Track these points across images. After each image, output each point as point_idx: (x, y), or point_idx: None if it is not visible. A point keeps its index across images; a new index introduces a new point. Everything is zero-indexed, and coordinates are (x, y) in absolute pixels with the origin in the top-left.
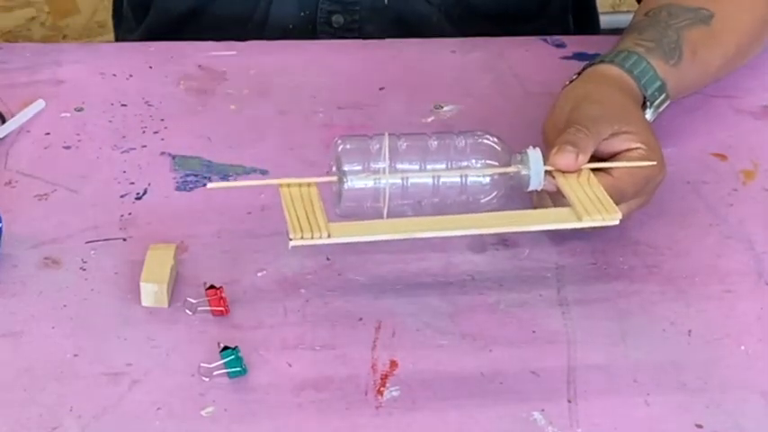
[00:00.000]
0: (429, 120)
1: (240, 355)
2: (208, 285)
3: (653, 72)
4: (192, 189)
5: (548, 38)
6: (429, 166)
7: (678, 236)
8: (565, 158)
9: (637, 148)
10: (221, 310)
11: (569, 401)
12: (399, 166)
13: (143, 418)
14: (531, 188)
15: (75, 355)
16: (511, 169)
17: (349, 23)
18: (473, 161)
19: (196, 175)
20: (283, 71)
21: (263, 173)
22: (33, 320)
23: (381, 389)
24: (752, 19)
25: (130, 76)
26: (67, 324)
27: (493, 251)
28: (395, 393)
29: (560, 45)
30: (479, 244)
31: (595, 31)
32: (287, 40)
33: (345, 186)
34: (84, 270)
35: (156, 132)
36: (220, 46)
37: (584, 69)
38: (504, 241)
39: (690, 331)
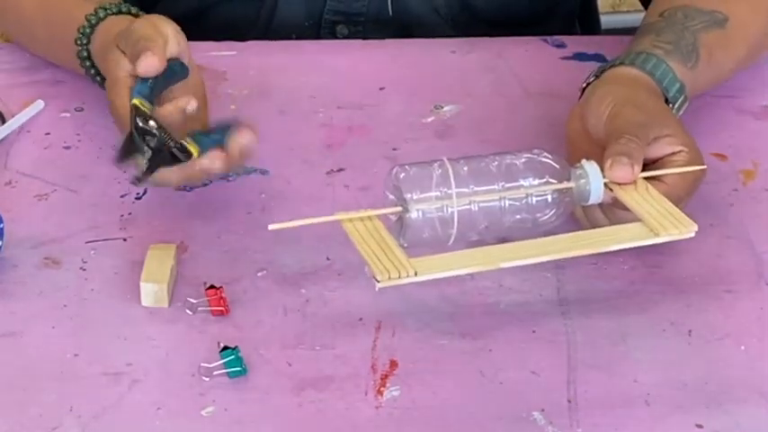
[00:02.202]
0: (429, 120)
1: (240, 355)
2: (208, 285)
3: (672, 74)
4: (192, 189)
5: (548, 38)
6: (491, 188)
7: None
8: (622, 171)
9: (680, 152)
10: (221, 310)
11: (569, 401)
12: (464, 190)
13: (143, 418)
14: (590, 202)
15: (76, 355)
16: (571, 185)
17: (353, 34)
18: (531, 179)
19: None
20: (283, 71)
21: (264, 173)
22: (33, 320)
23: (381, 389)
24: (764, 24)
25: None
26: (67, 324)
27: None
28: (395, 393)
29: (560, 45)
30: (479, 244)
31: (596, 31)
32: (287, 41)
33: (412, 216)
34: (84, 270)
35: None
36: (220, 46)
37: (601, 71)
38: (503, 241)
39: (690, 331)
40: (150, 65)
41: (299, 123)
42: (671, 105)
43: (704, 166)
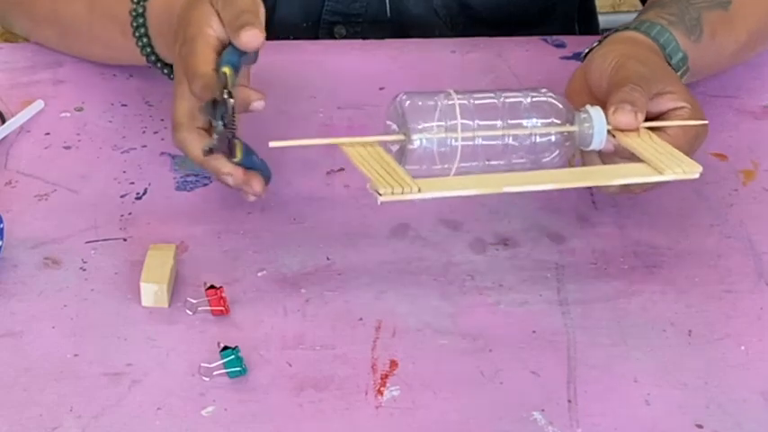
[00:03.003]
0: None
1: (240, 355)
2: (208, 285)
3: (675, 43)
4: (192, 189)
5: (548, 38)
6: (495, 124)
7: (678, 236)
8: (625, 117)
9: (682, 107)
10: (221, 310)
11: (569, 401)
12: (468, 123)
13: (143, 418)
14: (592, 147)
15: (76, 355)
16: (574, 128)
17: (351, 34)
18: (535, 119)
19: (196, 175)
20: (283, 71)
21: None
22: (33, 320)
23: (381, 389)
24: (764, 14)
25: (130, 76)
26: (67, 324)
27: (493, 251)
28: (395, 393)
29: (560, 45)
30: (479, 244)
31: (595, 31)
32: (286, 41)
33: (414, 145)
34: (84, 270)
35: (156, 132)
36: None
37: (604, 38)
38: (504, 241)
39: (690, 331)
40: (255, 40)
41: (299, 123)
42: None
43: (706, 122)
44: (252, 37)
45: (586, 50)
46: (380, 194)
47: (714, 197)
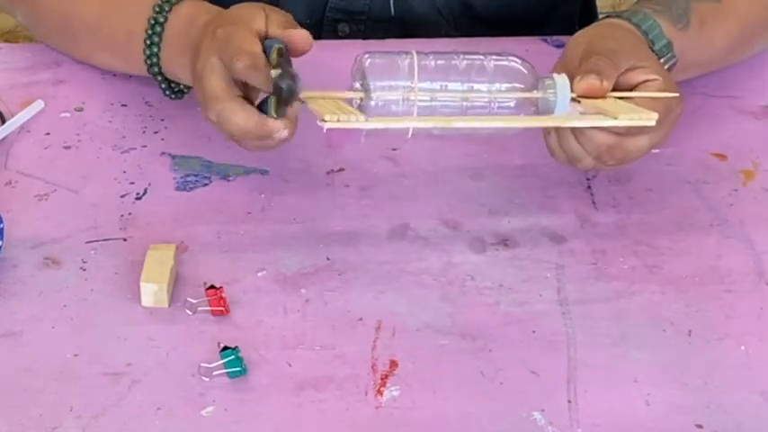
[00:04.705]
0: None
1: (240, 355)
2: (208, 285)
3: (659, 30)
4: (191, 189)
5: (548, 38)
6: (456, 86)
7: (678, 236)
8: (589, 83)
9: (654, 80)
10: (221, 310)
11: (569, 401)
12: (428, 84)
13: (143, 418)
14: (556, 113)
15: (76, 355)
16: (537, 94)
17: (355, 33)
18: (499, 84)
19: (196, 175)
20: None
21: (264, 173)
22: (33, 320)
23: (381, 389)
24: (758, 10)
25: (130, 76)
26: (67, 324)
27: (493, 251)
28: (395, 393)
29: (560, 45)
30: (479, 244)
31: None
32: None
33: (372, 103)
34: (84, 270)
35: (156, 132)
36: None
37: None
38: (504, 241)
39: (690, 331)
40: (308, 40)
41: (300, 123)
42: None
43: (677, 94)
44: (306, 37)
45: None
46: (325, 121)
47: (714, 197)
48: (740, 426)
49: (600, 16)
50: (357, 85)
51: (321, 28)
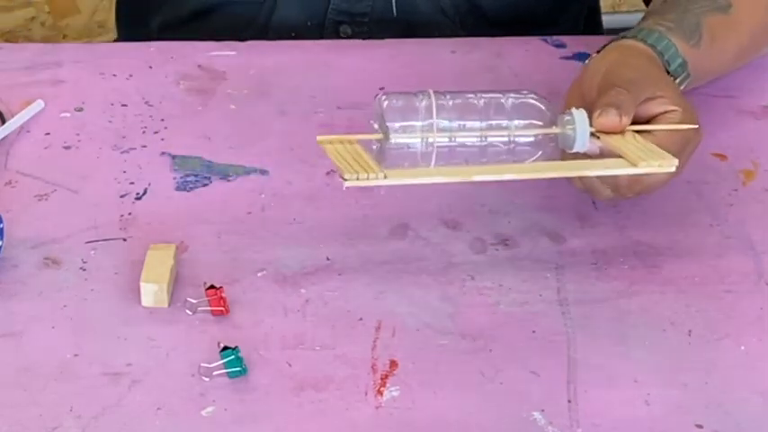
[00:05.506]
0: None
1: (240, 355)
2: (208, 285)
3: (675, 49)
4: (191, 189)
5: (548, 38)
6: (474, 125)
7: (678, 236)
8: (609, 119)
9: (673, 111)
10: (221, 310)
11: (569, 401)
12: (446, 124)
13: (143, 418)
14: (575, 149)
15: (76, 355)
16: (557, 130)
17: (357, 34)
18: (517, 121)
19: (196, 175)
20: (283, 71)
21: (264, 173)
22: (33, 320)
23: (381, 389)
24: (763, 18)
25: (130, 76)
26: (67, 324)
27: (493, 251)
28: (395, 393)
29: (560, 45)
30: (479, 244)
31: (599, 31)
32: (287, 41)
33: (391, 143)
34: (84, 270)
35: (156, 132)
36: (220, 46)
37: (603, 47)
38: (504, 241)
39: (690, 331)
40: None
41: (299, 123)
42: (673, 78)
43: (696, 125)
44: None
45: (587, 61)
46: (345, 180)
47: (714, 197)
48: (740, 426)
49: (603, 16)
50: (376, 126)
51: (323, 30)
